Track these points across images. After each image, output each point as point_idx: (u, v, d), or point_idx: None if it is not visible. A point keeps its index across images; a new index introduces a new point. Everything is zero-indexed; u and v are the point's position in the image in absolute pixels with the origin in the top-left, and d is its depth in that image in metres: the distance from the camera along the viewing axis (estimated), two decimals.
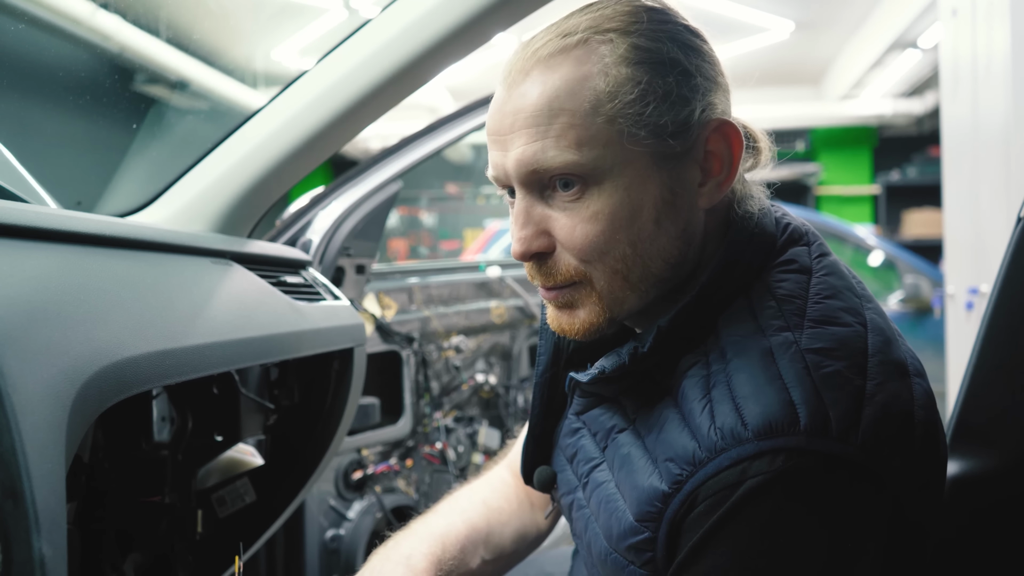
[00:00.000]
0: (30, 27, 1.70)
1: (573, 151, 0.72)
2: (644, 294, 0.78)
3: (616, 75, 0.73)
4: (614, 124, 0.72)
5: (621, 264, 0.75)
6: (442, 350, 2.07)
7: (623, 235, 0.74)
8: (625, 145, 0.73)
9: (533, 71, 0.74)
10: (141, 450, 1.20)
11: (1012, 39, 2.47)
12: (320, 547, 1.74)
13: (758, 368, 0.70)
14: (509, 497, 1.07)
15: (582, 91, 0.72)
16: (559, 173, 0.74)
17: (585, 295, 0.78)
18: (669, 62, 0.74)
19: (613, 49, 0.73)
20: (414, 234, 9.19)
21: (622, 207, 0.74)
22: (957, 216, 3.06)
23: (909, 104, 7.05)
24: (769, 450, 0.66)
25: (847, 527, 0.67)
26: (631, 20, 0.75)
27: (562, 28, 0.76)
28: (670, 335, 0.76)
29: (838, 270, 0.79)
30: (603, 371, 0.78)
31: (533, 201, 0.77)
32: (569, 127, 0.72)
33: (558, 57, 0.74)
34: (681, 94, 0.74)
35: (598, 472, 0.82)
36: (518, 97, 0.75)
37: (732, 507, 0.66)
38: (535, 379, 0.93)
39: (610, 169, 0.73)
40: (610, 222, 0.74)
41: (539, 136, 0.73)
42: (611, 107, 0.72)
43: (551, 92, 0.73)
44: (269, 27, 4.70)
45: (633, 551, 0.74)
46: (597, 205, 0.74)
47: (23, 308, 0.68)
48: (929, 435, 0.73)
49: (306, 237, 1.60)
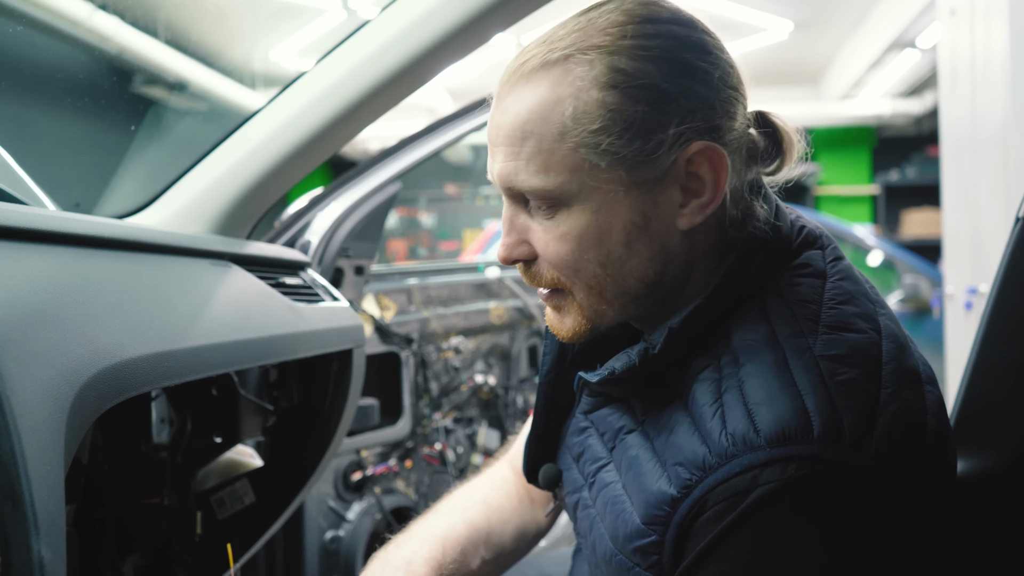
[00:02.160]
0: (29, 28, 1.70)
1: (540, 176, 0.73)
2: (622, 309, 0.78)
3: (586, 100, 0.71)
4: (582, 150, 0.72)
5: (594, 281, 0.76)
6: (441, 351, 2.07)
7: (592, 255, 0.75)
8: (594, 170, 0.72)
9: (517, 86, 0.74)
10: (140, 452, 1.20)
11: (1010, 39, 2.47)
12: (319, 548, 1.74)
13: (771, 374, 0.69)
14: (510, 495, 1.07)
15: (552, 116, 0.72)
16: (528, 193, 0.75)
17: (568, 303, 0.79)
18: (646, 86, 0.71)
19: (589, 71, 0.72)
20: (413, 235, 9.18)
21: (589, 230, 0.74)
22: (956, 216, 3.06)
23: (908, 104, 7.05)
24: (781, 458, 0.65)
25: (856, 537, 0.67)
26: (618, 35, 0.72)
27: (552, 38, 0.75)
28: (681, 337, 0.75)
29: (852, 274, 0.78)
30: (613, 372, 0.78)
31: (517, 210, 0.78)
32: (537, 152, 0.73)
33: (539, 74, 0.73)
34: (652, 121, 0.71)
35: (605, 472, 0.81)
36: (501, 112, 0.75)
37: (742, 514, 0.66)
38: (540, 379, 0.93)
39: (577, 194, 0.73)
40: (578, 243, 0.74)
41: (512, 157, 0.74)
42: (576, 133, 0.72)
43: (524, 114, 0.73)
44: (267, 28, 4.70)
45: (639, 553, 0.74)
46: (566, 226, 0.74)
47: (22, 310, 0.68)
48: (940, 442, 0.73)
49: (305, 238, 1.60)
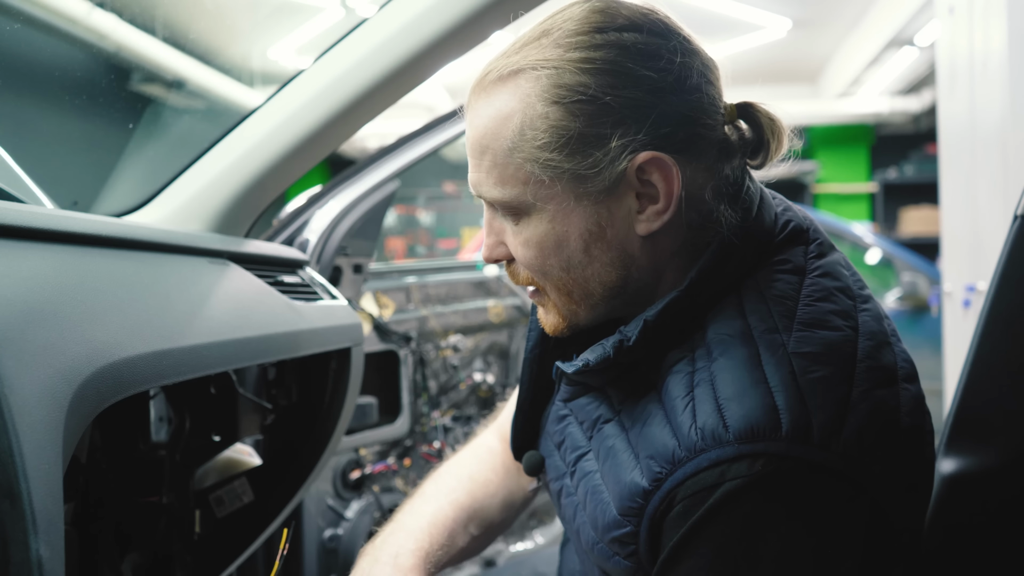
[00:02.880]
0: (26, 26, 1.70)
1: (498, 188, 0.76)
2: (592, 309, 0.81)
3: (532, 115, 0.73)
4: (525, 166, 0.75)
5: (560, 284, 0.79)
6: (440, 349, 2.07)
7: (554, 260, 0.78)
8: (545, 182, 0.74)
9: (479, 99, 0.77)
10: (139, 450, 1.20)
11: (1009, 36, 2.47)
12: (318, 547, 1.74)
13: (743, 370, 0.70)
14: (496, 467, 1.07)
15: (504, 130, 0.75)
16: (493, 204, 0.79)
17: (546, 300, 0.83)
18: (587, 100, 0.71)
19: (535, 85, 0.73)
20: (412, 233, 9.18)
21: (548, 237, 0.77)
22: (954, 214, 3.06)
23: (906, 102, 7.05)
24: (749, 454, 0.66)
25: (824, 533, 0.67)
26: (568, 47, 0.73)
27: (509, 50, 0.77)
28: (656, 330, 0.75)
29: (834, 270, 0.78)
30: (587, 363, 0.78)
31: (493, 214, 0.81)
32: (493, 166, 0.76)
33: (496, 86, 0.76)
34: (591, 135, 0.72)
35: (585, 461, 0.82)
36: (468, 124, 0.79)
37: (710, 509, 0.67)
38: (525, 354, 0.94)
39: (532, 204, 0.76)
40: (540, 249, 0.78)
41: (476, 168, 0.78)
42: (522, 149, 0.74)
43: (482, 128, 0.76)
44: (265, 26, 4.69)
45: (617, 543, 0.75)
46: (527, 233, 0.78)
47: (19, 309, 0.68)
48: (914, 440, 0.73)
49: (303, 236, 1.60)
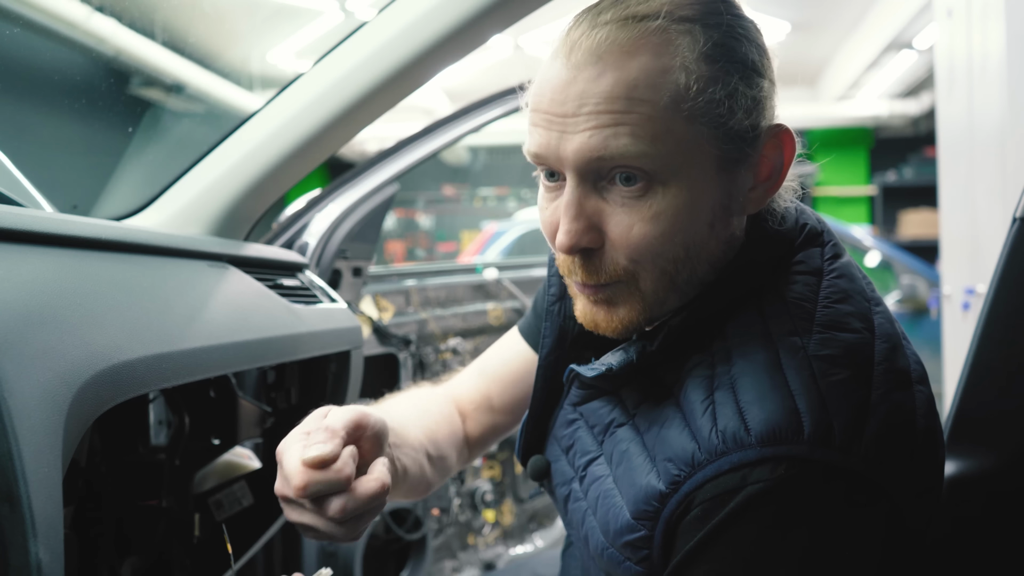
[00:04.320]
0: (26, 31, 1.70)
1: (647, 143, 0.68)
2: (685, 295, 0.76)
3: (698, 72, 0.69)
4: (692, 123, 0.69)
5: (671, 266, 0.73)
6: (439, 352, 2.07)
7: (680, 238, 0.71)
8: (697, 145, 0.70)
9: (607, 55, 0.69)
10: (138, 454, 1.20)
11: (1007, 40, 2.48)
12: (317, 550, 1.73)
13: (764, 373, 0.69)
14: (446, 415, 1.04)
15: (663, 84, 0.68)
16: (626, 165, 0.69)
17: (628, 294, 0.75)
18: (748, 63, 0.72)
19: (692, 43, 0.69)
20: (411, 236, 9.19)
21: (683, 210, 0.71)
22: (953, 216, 3.06)
23: (905, 105, 7.07)
24: (771, 457, 0.65)
25: (844, 538, 0.67)
26: (707, 10, 0.72)
27: (634, 9, 0.71)
28: (679, 334, 0.75)
29: (849, 272, 0.78)
30: (610, 369, 0.77)
31: (587, 192, 0.72)
32: (647, 119, 0.68)
33: (636, 43, 0.69)
34: (756, 98, 0.72)
35: (596, 466, 0.80)
36: (587, 80, 0.69)
37: (731, 513, 0.66)
38: (540, 360, 0.91)
39: (678, 168, 0.70)
40: (671, 224, 0.71)
41: (612, 123, 0.68)
42: (692, 105, 0.69)
43: (630, 81, 0.68)
44: (265, 30, 4.70)
45: (629, 548, 0.74)
46: (660, 205, 0.70)
47: (19, 312, 0.68)
48: (929, 442, 0.73)
49: (303, 240, 1.60)
